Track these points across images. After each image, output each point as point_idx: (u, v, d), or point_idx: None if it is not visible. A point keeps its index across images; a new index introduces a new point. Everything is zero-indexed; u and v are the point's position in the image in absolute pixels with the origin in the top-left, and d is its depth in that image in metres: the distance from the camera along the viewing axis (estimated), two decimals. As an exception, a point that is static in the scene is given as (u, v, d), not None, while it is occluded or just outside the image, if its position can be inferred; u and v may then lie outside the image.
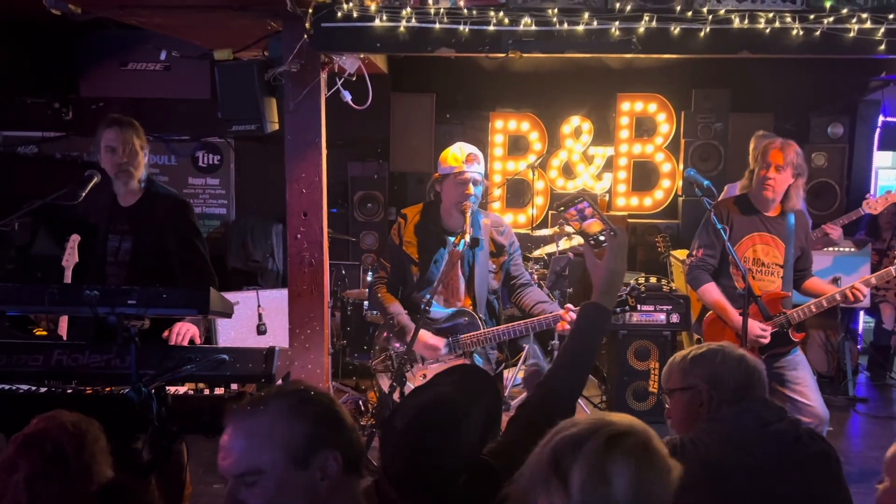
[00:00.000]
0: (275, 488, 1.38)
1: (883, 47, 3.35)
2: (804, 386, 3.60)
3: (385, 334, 3.41)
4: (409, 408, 1.66)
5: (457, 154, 3.26)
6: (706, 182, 3.42)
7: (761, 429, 2.05)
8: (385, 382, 3.36)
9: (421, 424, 1.60)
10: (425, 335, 3.23)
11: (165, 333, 3.02)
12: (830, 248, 5.41)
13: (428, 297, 3.10)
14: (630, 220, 6.62)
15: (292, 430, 1.41)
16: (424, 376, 3.24)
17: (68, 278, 4.06)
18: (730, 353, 2.17)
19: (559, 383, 1.86)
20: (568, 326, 3.11)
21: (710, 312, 3.74)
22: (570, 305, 3.23)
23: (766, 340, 3.52)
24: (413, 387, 2.54)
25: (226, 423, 1.45)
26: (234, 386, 2.69)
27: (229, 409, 1.48)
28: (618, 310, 3.13)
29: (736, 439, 2.04)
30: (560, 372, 1.90)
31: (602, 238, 1.96)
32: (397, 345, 3.30)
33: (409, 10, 3.38)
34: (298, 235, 3.69)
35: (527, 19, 3.38)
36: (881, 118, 6.59)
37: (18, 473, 1.79)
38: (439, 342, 3.25)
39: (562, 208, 2.09)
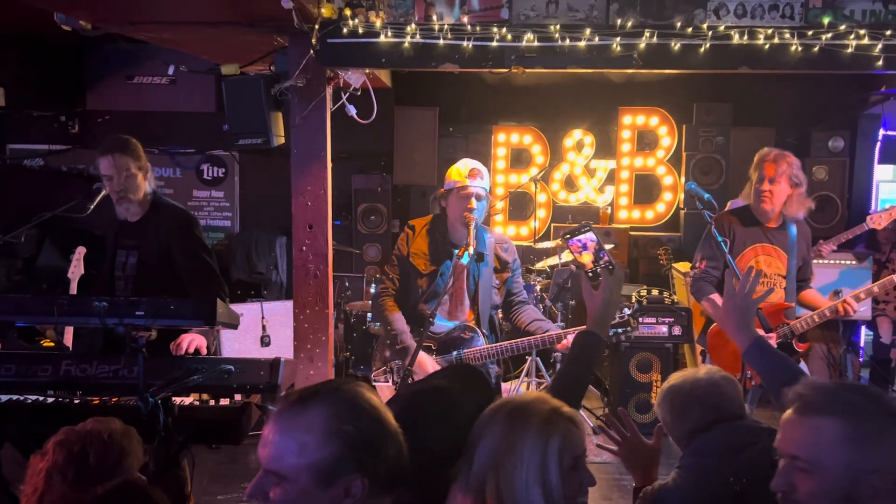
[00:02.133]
0: (295, 496, 1.38)
1: (881, 63, 3.39)
2: None
3: (386, 352, 3.42)
4: (403, 395, 1.71)
5: (461, 169, 3.30)
6: (707, 195, 3.45)
7: (734, 455, 2.04)
8: (385, 394, 3.37)
9: (413, 408, 1.64)
10: (426, 361, 3.21)
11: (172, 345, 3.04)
12: (833, 262, 5.46)
13: (433, 308, 3.13)
14: (632, 233, 6.65)
15: (323, 450, 1.38)
16: None
17: (74, 290, 4.10)
18: (685, 383, 2.19)
19: None
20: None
21: (715, 324, 3.76)
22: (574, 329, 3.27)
23: None
24: None
25: (272, 412, 1.46)
26: (238, 396, 2.72)
27: (280, 398, 1.47)
28: (620, 330, 3.18)
29: (712, 471, 2.05)
30: (555, 396, 1.95)
31: (599, 271, 2.06)
32: (398, 361, 3.31)
33: (413, 26, 3.44)
34: (304, 248, 3.73)
35: (529, 35, 3.43)
36: (881, 132, 6.62)
37: (45, 462, 1.85)
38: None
39: (567, 235, 2.16)
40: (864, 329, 6.37)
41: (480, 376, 1.98)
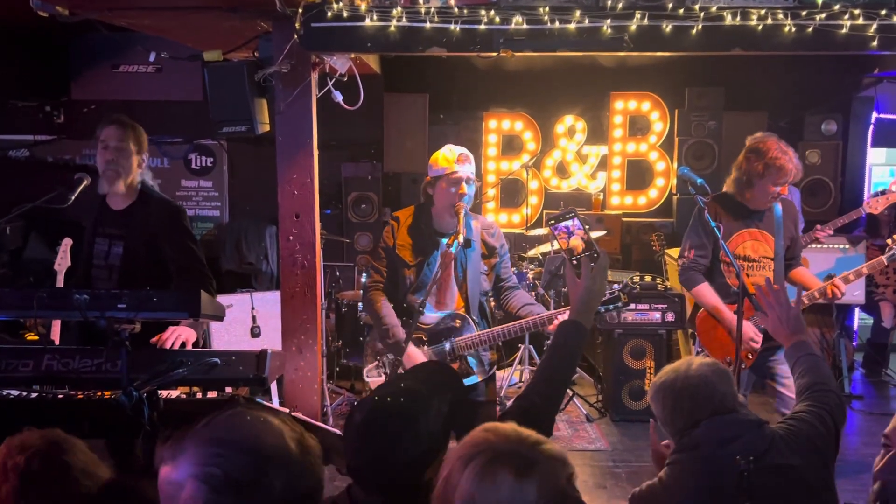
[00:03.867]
0: None
1: (875, 43, 3.34)
2: (792, 381, 3.62)
3: (378, 346, 3.37)
4: (368, 401, 1.65)
5: (447, 155, 3.24)
6: (699, 180, 3.41)
7: (717, 450, 2.01)
8: None
9: (378, 414, 1.59)
10: (415, 354, 3.17)
11: (154, 339, 2.99)
12: (829, 247, 5.46)
13: (421, 299, 3.08)
14: (624, 219, 6.62)
15: (192, 496, 1.27)
16: None
17: (61, 282, 4.04)
18: (677, 378, 2.15)
19: (538, 397, 1.90)
20: None
21: (702, 309, 3.75)
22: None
23: (758, 346, 3.53)
24: None
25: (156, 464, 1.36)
26: (228, 389, 2.68)
27: (158, 447, 1.35)
28: (610, 306, 3.13)
29: (695, 466, 2.02)
30: (539, 386, 1.93)
31: (582, 258, 2.05)
32: (390, 355, 3.27)
33: (399, 9, 3.37)
34: (290, 237, 3.67)
35: (518, 18, 3.37)
36: (874, 115, 6.60)
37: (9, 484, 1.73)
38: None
39: (552, 221, 2.13)
40: (857, 313, 6.38)
41: (450, 373, 1.94)
